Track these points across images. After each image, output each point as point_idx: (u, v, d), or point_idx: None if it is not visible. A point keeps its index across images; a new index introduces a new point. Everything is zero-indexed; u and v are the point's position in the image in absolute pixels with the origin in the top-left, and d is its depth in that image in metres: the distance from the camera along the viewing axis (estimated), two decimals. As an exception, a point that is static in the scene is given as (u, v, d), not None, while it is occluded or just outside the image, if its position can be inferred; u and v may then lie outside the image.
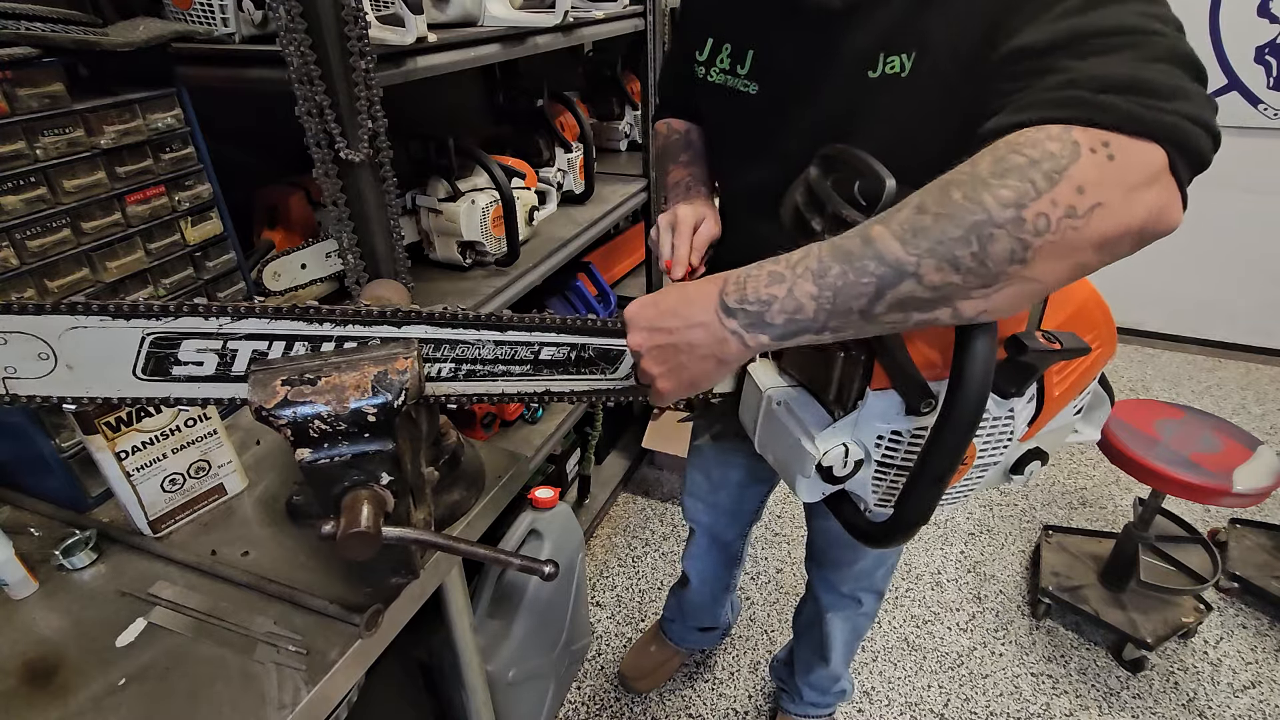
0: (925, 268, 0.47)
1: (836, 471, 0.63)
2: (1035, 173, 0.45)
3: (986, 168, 0.46)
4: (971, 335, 0.52)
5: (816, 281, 0.51)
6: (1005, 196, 0.45)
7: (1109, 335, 0.72)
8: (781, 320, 0.52)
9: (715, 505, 1.35)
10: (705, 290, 0.56)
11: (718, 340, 0.55)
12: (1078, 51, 0.50)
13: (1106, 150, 0.45)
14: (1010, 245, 0.45)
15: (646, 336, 0.58)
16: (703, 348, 0.56)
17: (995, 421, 0.64)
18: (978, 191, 0.46)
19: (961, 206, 0.46)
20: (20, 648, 0.62)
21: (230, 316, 0.56)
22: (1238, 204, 2.73)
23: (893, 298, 0.49)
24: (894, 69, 0.68)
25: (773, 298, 0.52)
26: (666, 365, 0.58)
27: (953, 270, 0.47)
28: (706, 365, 0.57)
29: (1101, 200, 0.44)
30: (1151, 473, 1.53)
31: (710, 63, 0.85)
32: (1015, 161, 0.45)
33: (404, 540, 0.55)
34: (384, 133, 0.92)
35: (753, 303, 0.53)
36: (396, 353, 0.57)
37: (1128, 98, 0.45)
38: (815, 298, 0.51)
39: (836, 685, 1.49)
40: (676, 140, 1.03)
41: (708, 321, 0.55)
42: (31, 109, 0.69)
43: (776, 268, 0.53)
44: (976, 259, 0.46)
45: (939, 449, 0.55)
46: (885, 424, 0.62)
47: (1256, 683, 1.65)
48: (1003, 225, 0.45)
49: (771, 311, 0.52)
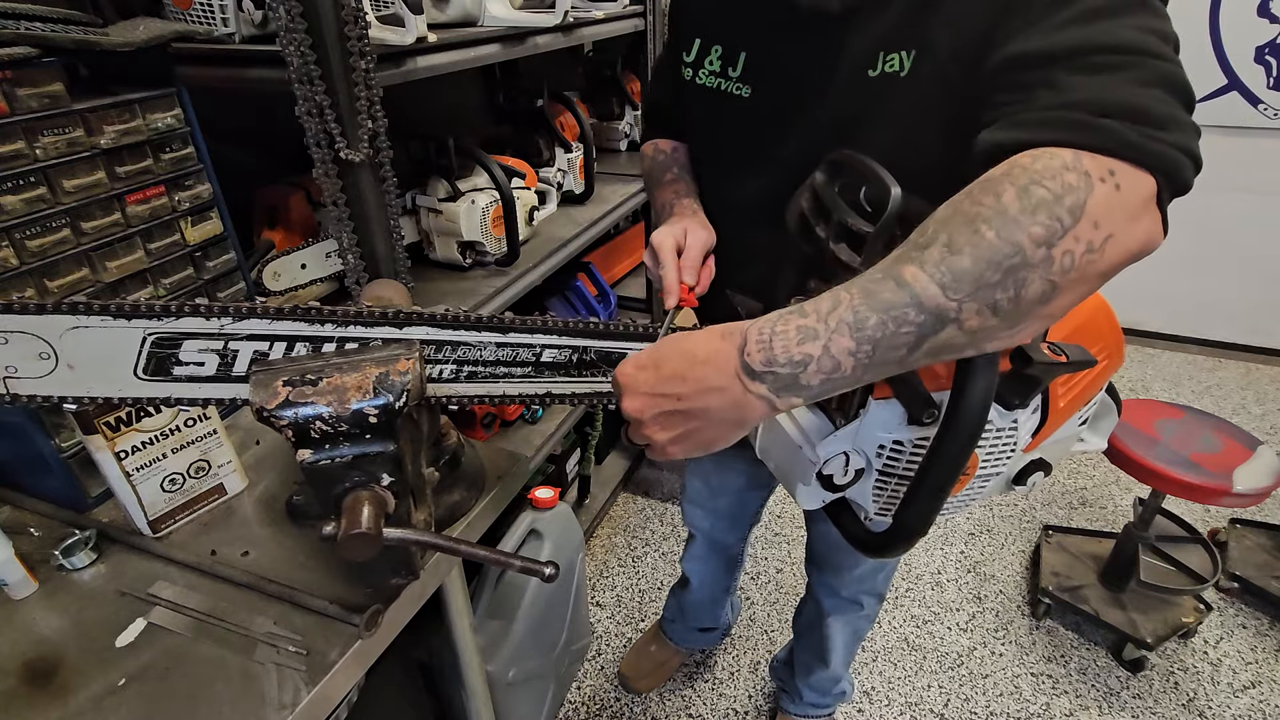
0: (966, 313, 0.45)
1: (837, 480, 0.63)
2: (1060, 209, 0.44)
3: (1013, 202, 0.45)
4: None
5: (854, 336, 0.46)
6: (1038, 235, 0.44)
7: (1116, 346, 0.72)
8: (818, 381, 0.48)
9: (715, 511, 1.35)
10: (718, 349, 0.50)
11: (738, 406, 0.50)
12: (1076, 66, 0.50)
13: (1114, 180, 0.45)
14: (1042, 287, 0.45)
15: (648, 403, 0.53)
16: (720, 413, 0.51)
17: (999, 433, 0.63)
18: (1011, 231, 0.44)
19: (997, 248, 0.44)
20: (20, 648, 0.62)
21: (232, 317, 0.56)
22: (1238, 204, 2.73)
23: (931, 346, 0.47)
24: (893, 67, 0.67)
25: (808, 358, 0.47)
26: (676, 431, 0.53)
27: (991, 314, 0.46)
28: (723, 429, 0.52)
29: (1112, 232, 0.44)
30: (1151, 473, 1.53)
31: (698, 64, 0.82)
32: (1041, 196, 0.44)
33: (404, 541, 0.55)
34: (384, 133, 0.92)
35: (783, 365, 0.48)
36: (398, 354, 0.57)
37: (1127, 125, 0.46)
38: (854, 354, 0.47)
39: (836, 686, 1.49)
40: (661, 161, 0.98)
41: (726, 386, 0.50)
42: (31, 109, 0.69)
43: (806, 322, 0.48)
44: (1012, 302, 0.45)
45: (940, 460, 0.54)
46: (887, 433, 0.62)
47: (1256, 683, 1.65)
48: (1036, 266, 0.44)
49: (807, 373, 0.48)
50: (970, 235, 0.45)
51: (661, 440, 0.54)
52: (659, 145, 1.00)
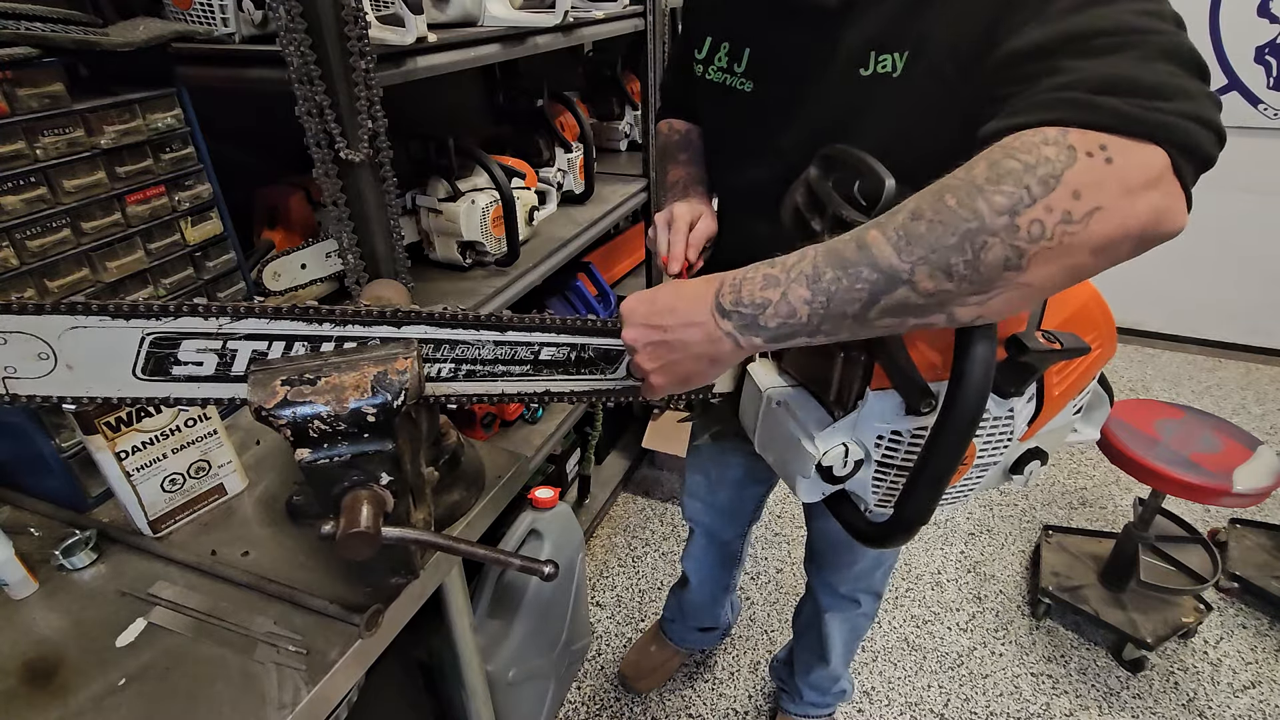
0: (919, 275, 0.47)
1: (836, 471, 0.63)
2: (1030, 178, 0.44)
3: (982, 173, 0.46)
4: (972, 336, 0.52)
5: (810, 286, 0.51)
6: (999, 204, 0.45)
7: (1109, 335, 0.72)
8: (775, 324, 0.53)
9: (714, 505, 1.35)
10: (701, 290, 0.57)
11: (711, 340, 0.56)
12: (1076, 51, 0.49)
13: (1105, 153, 0.44)
14: (1005, 253, 0.45)
15: (641, 332, 0.59)
16: (696, 346, 0.57)
17: (995, 421, 0.64)
18: (972, 198, 0.46)
19: (955, 214, 0.46)
20: (20, 648, 0.62)
21: (230, 316, 0.56)
22: (1238, 204, 2.73)
23: (886, 304, 0.49)
24: (885, 68, 0.68)
25: (767, 301, 0.53)
26: (660, 361, 0.59)
27: (946, 278, 0.47)
28: (700, 364, 0.59)
29: (1100, 204, 0.43)
30: (1151, 473, 1.53)
31: (709, 61, 0.86)
32: (1010, 167, 0.45)
33: (404, 540, 0.55)
34: (384, 133, 0.92)
35: (747, 305, 0.54)
36: (396, 353, 0.57)
37: (1126, 99, 0.45)
38: (809, 302, 0.51)
39: (836, 685, 1.49)
40: (676, 140, 1.04)
41: (702, 321, 0.56)
42: (31, 109, 0.69)
43: (772, 271, 0.54)
44: (970, 266, 0.46)
45: (939, 449, 0.55)
46: (885, 424, 0.62)
47: (1256, 683, 1.65)
48: (996, 233, 0.45)
49: (765, 315, 0.53)
50: (934, 203, 0.47)
51: (648, 369, 0.60)
52: (674, 124, 1.07)
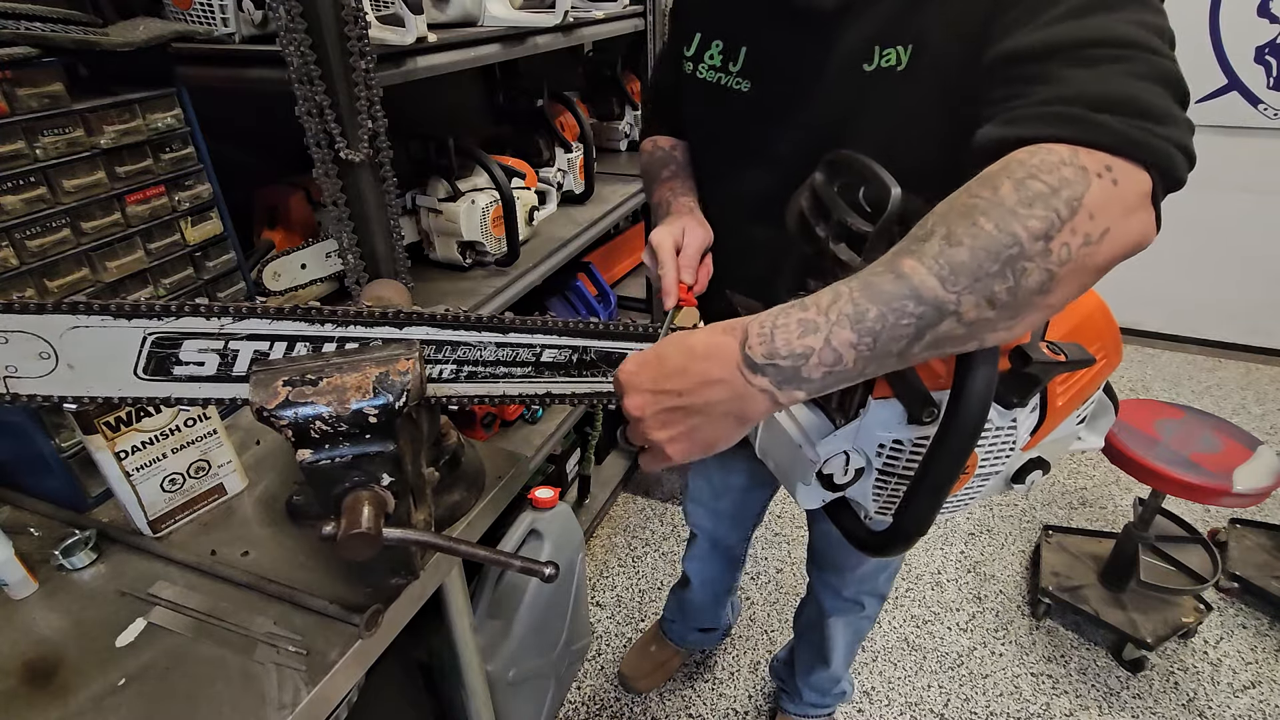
0: (965, 305, 0.46)
1: (837, 479, 0.63)
2: (1057, 201, 0.45)
3: (1010, 194, 0.45)
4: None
5: (855, 328, 0.46)
6: (1035, 228, 0.44)
7: (1114, 345, 0.72)
8: (819, 374, 0.48)
9: (718, 511, 1.35)
10: (720, 343, 0.50)
11: (740, 399, 0.49)
12: (1072, 60, 0.50)
13: (1110, 175, 0.45)
14: (1040, 278, 0.45)
15: (650, 400, 0.52)
16: (721, 407, 0.50)
17: (998, 431, 0.63)
18: (1009, 223, 0.45)
19: (996, 239, 0.45)
20: (20, 648, 0.62)
21: (232, 317, 0.56)
22: (1238, 204, 2.73)
23: (932, 337, 0.47)
24: (890, 62, 0.67)
25: (809, 350, 0.47)
26: (676, 430, 0.52)
27: (989, 306, 0.46)
28: (725, 426, 0.51)
29: (1109, 226, 0.45)
30: (1151, 473, 1.53)
31: (698, 58, 0.83)
32: (1038, 189, 0.45)
33: (404, 541, 0.55)
34: (384, 133, 0.92)
35: (785, 357, 0.48)
36: (398, 354, 0.57)
37: (1123, 119, 0.46)
38: (854, 345, 0.47)
39: (837, 686, 1.49)
40: (659, 158, 0.98)
41: (728, 379, 0.49)
42: (31, 109, 0.69)
43: (806, 315, 0.48)
44: (1011, 293, 0.46)
45: (940, 459, 0.54)
46: (887, 432, 0.62)
47: (1256, 683, 1.65)
48: (1034, 258, 0.45)
49: (809, 366, 0.48)
50: (968, 228, 0.45)
51: (661, 439, 0.52)
52: (658, 142, 1.00)
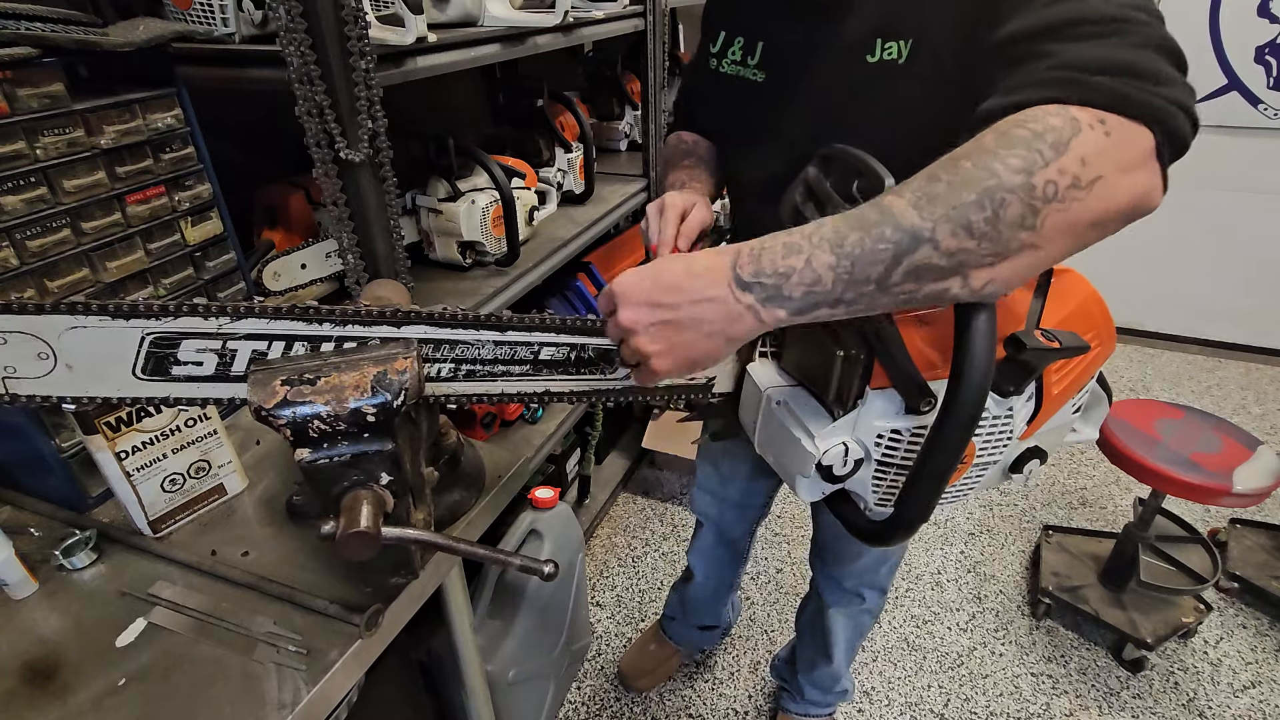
0: (941, 233, 0.47)
1: (836, 470, 0.63)
2: (1040, 144, 0.46)
3: (992, 141, 0.48)
4: (971, 334, 0.52)
5: (834, 250, 0.49)
6: (1014, 164, 0.46)
7: (1108, 333, 0.73)
8: (800, 293, 0.51)
9: (725, 499, 1.36)
10: (715, 263, 0.53)
11: (730, 316, 0.52)
12: (1066, 36, 0.52)
13: (1104, 128, 0.46)
14: (1021, 210, 0.46)
15: (645, 312, 0.54)
16: (711, 324, 0.53)
17: (994, 420, 0.64)
18: (987, 159, 0.47)
19: (972, 174, 0.47)
20: (20, 648, 0.62)
21: (230, 316, 0.56)
22: (1238, 204, 2.73)
23: (909, 265, 0.49)
24: (891, 55, 0.70)
25: (791, 269, 0.50)
26: (666, 343, 0.55)
27: (967, 235, 0.47)
28: (713, 343, 0.54)
29: (1102, 174, 0.46)
30: (1151, 473, 1.53)
31: (722, 54, 0.88)
32: (1020, 134, 0.47)
33: (404, 540, 0.55)
34: (384, 133, 0.92)
35: (769, 275, 0.51)
36: (396, 353, 0.57)
37: (1119, 79, 0.47)
38: (833, 267, 0.49)
39: (838, 685, 1.49)
40: (683, 148, 1.04)
41: (719, 296, 0.52)
42: (31, 109, 0.69)
43: (791, 239, 0.51)
44: (990, 223, 0.47)
45: (939, 448, 0.55)
46: (885, 423, 0.62)
47: (1256, 683, 1.65)
48: (1014, 190, 0.46)
49: (790, 284, 0.50)
50: (949, 167, 0.49)
51: (650, 351, 0.55)
52: (682, 136, 1.07)
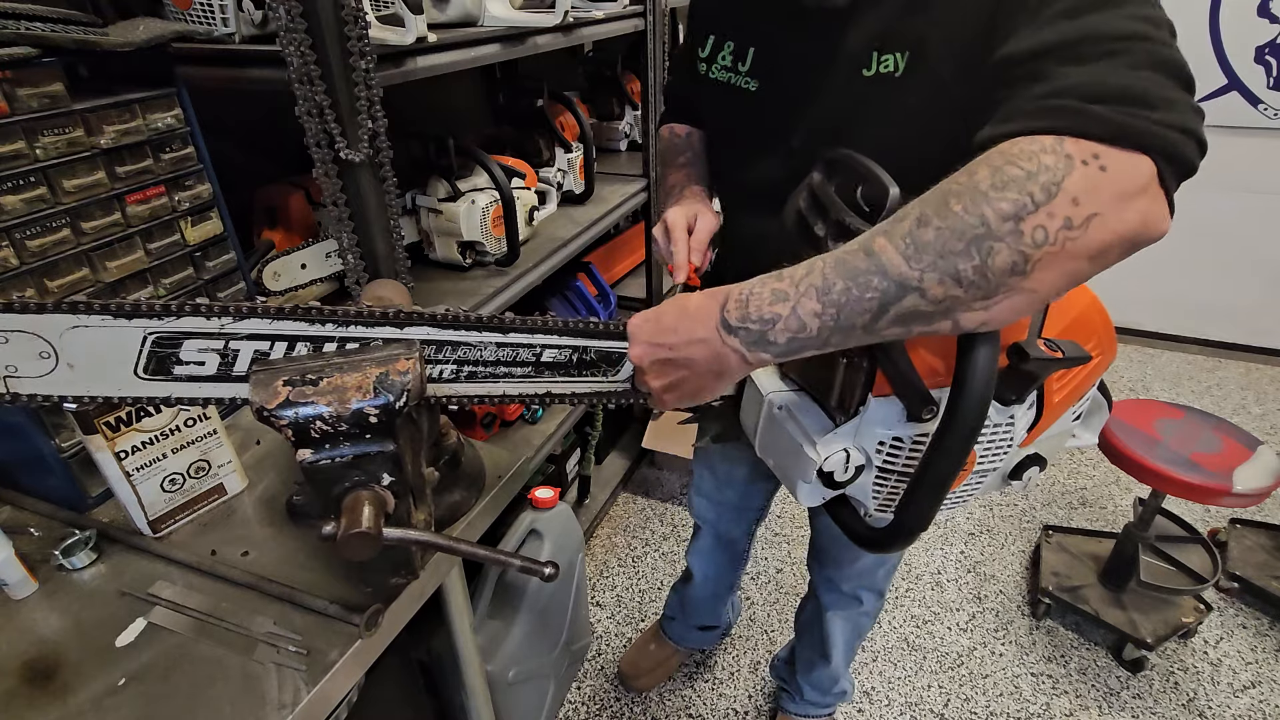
0: (928, 282, 0.47)
1: (837, 477, 0.63)
2: (1033, 185, 0.45)
3: (985, 179, 0.47)
4: (974, 344, 0.52)
5: (820, 299, 0.51)
6: (1004, 210, 0.45)
7: (1109, 342, 0.72)
8: (784, 339, 0.53)
9: (722, 502, 1.36)
10: (706, 306, 0.57)
11: (716, 356, 0.56)
12: (1067, 57, 0.50)
13: (1098, 162, 0.45)
14: (1011, 258, 0.46)
15: (647, 350, 0.60)
16: (702, 364, 0.57)
17: (996, 428, 0.64)
18: (978, 205, 0.46)
19: (963, 220, 0.46)
20: (20, 648, 0.62)
21: (233, 316, 0.56)
22: (1238, 204, 2.73)
23: (896, 312, 0.49)
24: (888, 68, 0.69)
25: (776, 316, 0.52)
26: (668, 379, 0.60)
27: (955, 284, 0.47)
28: (706, 380, 0.59)
29: (1097, 210, 0.45)
30: (1151, 473, 1.53)
31: (711, 60, 0.86)
32: (1012, 174, 0.46)
33: (404, 541, 0.55)
34: (384, 133, 0.92)
35: (755, 321, 0.53)
36: (398, 354, 0.57)
37: (1117, 108, 0.46)
38: (819, 315, 0.51)
39: (837, 685, 1.49)
40: (676, 144, 1.05)
41: (707, 338, 0.56)
42: (31, 109, 0.69)
43: (780, 285, 0.53)
44: (978, 272, 0.46)
45: (940, 456, 0.55)
46: (886, 430, 0.62)
47: (1256, 683, 1.65)
48: (1003, 238, 0.45)
49: (775, 330, 0.53)
50: (939, 209, 0.48)
51: (656, 386, 0.61)
52: (675, 129, 1.07)
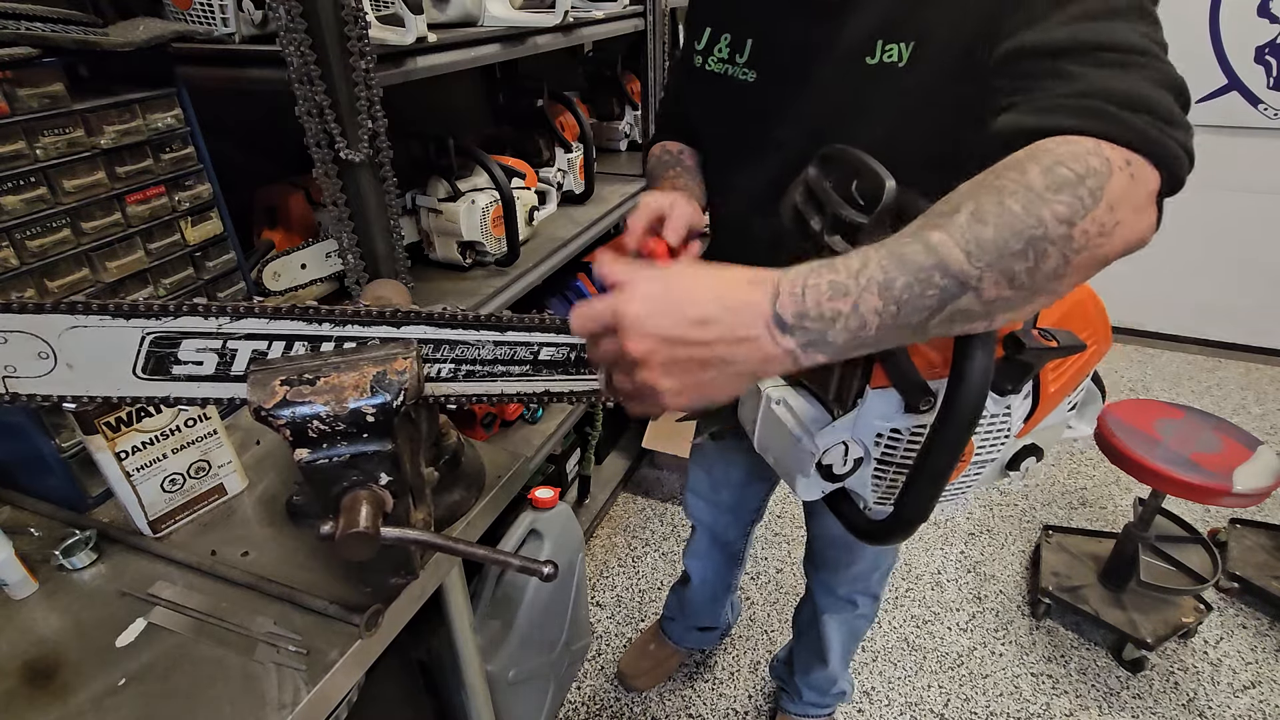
0: (986, 282, 0.45)
1: (836, 470, 0.64)
2: (1083, 189, 0.45)
3: (1039, 179, 0.46)
4: (971, 335, 0.52)
5: (882, 295, 0.45)
6: (1060, 212, 0.45)
7: (1104, 332, 0.73)
8: (844, 339, 0.46)
9: (717, 503, 1.36)
10: (750, 298, 0.46)
11: (766, 359, 0.46)
12: (1088, 60, 0.51)
13: (1129, 170, 0.46)
14: (1058, 262, 0.46)
15: (663, 347, 0.46)
16: (743, 364, 0.47)
17: (992, 419, 0.64)
18: (1036, 205, 0.45)
19: (1021, 219, 0.45)
20: (20, 648, 0.62)
21: (230, 316, 0.56)
22: (1238, 204, 2.73)
23: (950, 311, 0.46)
24: (891, 57, 0.68)
25: (837, 313, 0.45)
26: (683, 381, 0.47)
27: (1008, 285, 0.46)
28: (739, 383, 0.49)
29: (1121, 219, 0.46)
30: (1151, 473, 1.53)
31: (708, 51, 0.85)
32: (1065, 176, 0.46)
33: (403, 541, 0.55)
34: (384, 133, 0.92)
35: (814, 318, 0.45)
36: (395, 353, 0.57)
37: (1144, 117, 0.47)
38: (879, 312, 0.45)
39: (835, 686, 1.49)
40: (666, 160, 0.98)
41: (756, 336, 0.46)
42: (31, 109, 0.69)
43: (837, 277, 0.46)
44: (1030, 274, 0.46)
45: (938, 447, 0.55)
46: (884, 422, 0.62)
47: (1256, 683, 1.65)
48: (1055, 241, 0.45)
49: (835, 329, 0.45)
50: (996, 207, 0.45)
51: (663, 387, 0.47)
52: (666, 146, 1.01)
